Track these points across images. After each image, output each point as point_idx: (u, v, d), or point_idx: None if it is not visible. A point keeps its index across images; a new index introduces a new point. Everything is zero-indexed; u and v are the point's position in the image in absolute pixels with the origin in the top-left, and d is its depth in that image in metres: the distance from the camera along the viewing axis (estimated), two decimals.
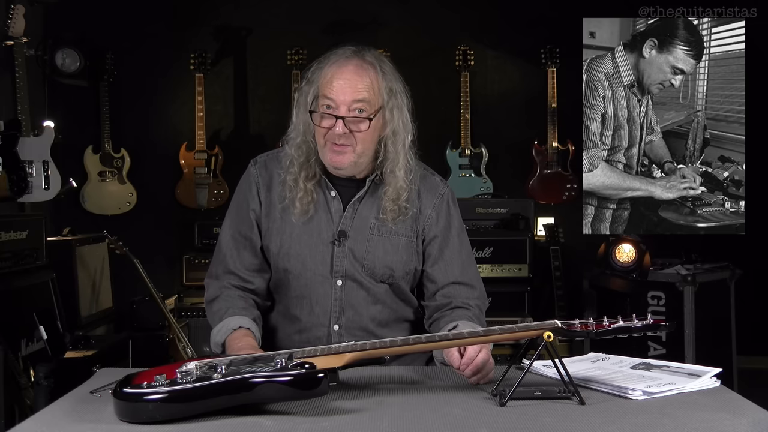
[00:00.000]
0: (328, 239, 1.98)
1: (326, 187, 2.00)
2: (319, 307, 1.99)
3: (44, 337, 3.05)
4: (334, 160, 1.92)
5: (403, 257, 2.00)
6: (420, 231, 2.03)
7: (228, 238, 2.06)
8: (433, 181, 2.09)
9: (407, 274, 2.03)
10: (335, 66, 1.92)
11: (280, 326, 2.07)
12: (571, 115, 5.01)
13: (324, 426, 1.40)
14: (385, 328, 2.03)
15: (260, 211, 2.03)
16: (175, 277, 4.77)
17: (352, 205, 2.00)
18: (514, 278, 4.42)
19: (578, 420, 1.42)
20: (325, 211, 2.00)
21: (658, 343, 3.99)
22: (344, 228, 1.98)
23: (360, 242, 1.98)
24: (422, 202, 2.04)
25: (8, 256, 3.40)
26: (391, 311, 2.04)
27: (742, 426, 1.38)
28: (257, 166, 2.07)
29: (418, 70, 5.12)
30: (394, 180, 1.96)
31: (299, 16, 5.10)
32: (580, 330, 1.55)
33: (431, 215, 2.04)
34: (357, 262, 1.98)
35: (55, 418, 1.46)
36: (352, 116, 1.89)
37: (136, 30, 5.02)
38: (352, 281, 1.98)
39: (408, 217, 2.00)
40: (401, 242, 2.00)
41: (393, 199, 1.97)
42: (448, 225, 2.06)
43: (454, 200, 2.11)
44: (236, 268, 2.04)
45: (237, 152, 4.86)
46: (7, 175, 3.65)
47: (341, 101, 1.89)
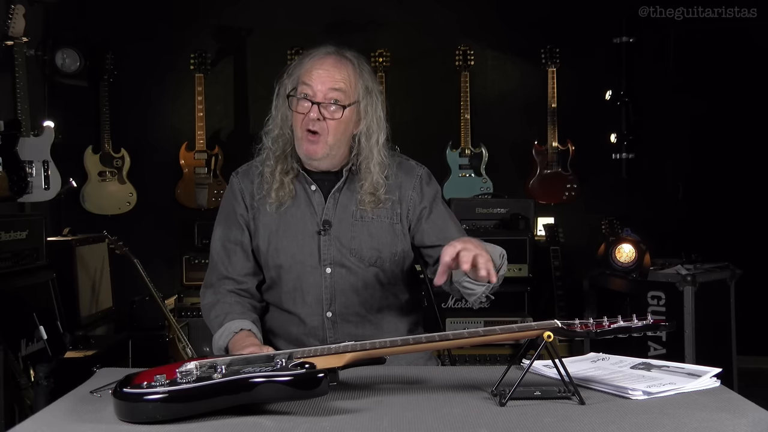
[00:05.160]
0: (313, 230, 2.05)
1: (306, 182, 2.08)
2: (311, 297, 2.05)
3: (44, 337, 3.05)
4: (308, 150, 2.00)
5: (388, 238, 2.07)
6: (405, 214, 2.09)
7: (218, 247, 2.13)
8: (409, 165, 2.16)
9: (394, 255, 2.08)
10: (315, 58, 2.02)
11: (276, 323, 2.12)
12: (571, 115, 5.03)
13: (324, 426, 1.39)
14: (378, 313, 2.08)
15: (247, 214, 2.11)
16: (175, 277, 4.77)
17: (333, 196, 2.07)
18: (514, 278, 4.42)
19: (578, 420, 1.42)
20: (307, 205, 2.07)
21: (658, 343, 3.99)
22: (327, 217, 2.05)
23: (345, 229, 2.05)
24: (402, 187, 2.10)
25: (8, 256, 3.40)
26: (382, 296, 2.08)
27: (742, 426, 1.38)
28: (238, 176, 2.16)
29: (418, 70, 5.13)
30: (369, 175, 2.04)
31: (299, 16, 5.10)
32: (580, 330, 1.55)
33: (413, 196, 2.11)
34: (344, 248, 2.04)
35: (55, 418, 1.46)
36: (327, 103, 1.97)
37: (136, 30, 5.02)
38: (341, 267, 2.04)
39: (387, 205, 2.06)
40: (384, 224, 2.07)
41: (370, 192, 2.04)
42: (431, 198, 2.13)
43: (432, 178, 2.18)
44: (229, 272, 2.10)
45: (237, 152, 4.86)
46: (7, 175, 3.66)
47: (318, 89, 1.98)
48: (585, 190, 5.06)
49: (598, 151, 5.04)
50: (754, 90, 5.03)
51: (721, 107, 5.04)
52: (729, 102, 5.03)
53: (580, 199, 5.08)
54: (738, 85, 5.01)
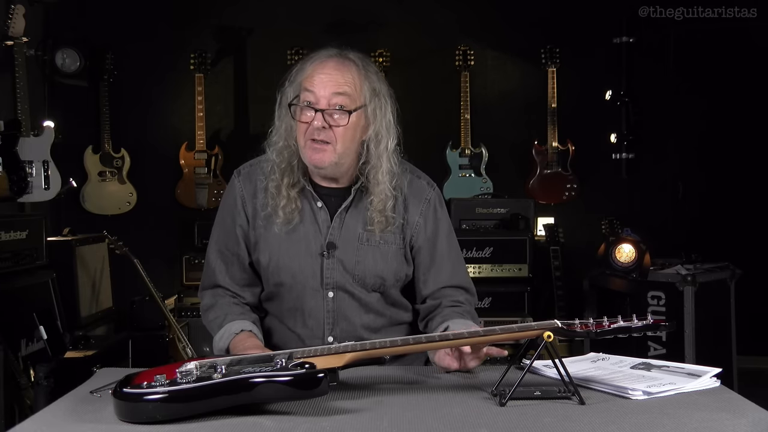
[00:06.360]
0: (317, 251, 1.96)
1: (312, 198, 1.98)
2: (312, 320, 1.99)
3: (44, 337, 3.05)
4: (313, 159, 1.88)
5: (393, 266, 1.99)
6: (408, 239, 2.01)
7: (215, 253, 2.06)
8: (419, 185, 2.04)
9: (398, 282, 2.02)
10: (317, 62, 1.91)
11: (276, 329, 2.06)
12: (571, 115, 5.03)
13: (324, 426, 1.39)
14: (379, 333, 2.02)
15: (247, 226, 2.01)
16: (175, 277, 4.77)
17: (339, 216, 1.97)
18: (514, 278, 4.42)
19: (578, 420, 1.41)
20: (312, 223, 1.97)
21: (658, 343, 3.99)
22: (332, 239, 1.96)
23: (349, 253, 1.96)
24: (409, 211, 2.01)
25: (8, 256, 3.41)
26: (384, 318, 2.03)
27: (742, 426, 1.38)
28: (241, 178, 2.04)
29: (418, 70, 5.13)
30: (378, 188, 1.93)
31: (299, 16, 5.10)
32: (580, 330, 1.55)
33: (419, 222, 2.01)
34: (347, 273, 1.96)
35: (55, 418, 1.46)
36: (331, 110, 1.86)
37: (136, 30, 5.02)
38: (344, 292, 1.97)
39: (395, 226, 1.97)
40: (390, 250, 1.99)
41: (379, 210, 1.94)
42: (435, 230, 2.04)
43: (441, 202, 2.08)
44: (226, 283, 2.04)
45: (237, 152, 4.85)
46: (7, 175, 3.65)
47: (321, 95, 1.86)
48: (585, 190, 5.06)
49: (598, 151, 5.05)
50: (754, 90, 5.03)
51: (721, 107, 5.04)
52: (729, 102, 5.03)
53: (580, 199, 5.08)
54: (738, 85, 5.01)
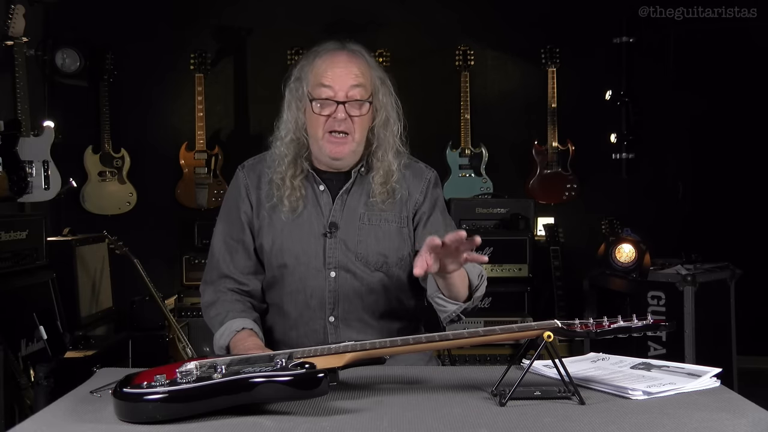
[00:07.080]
0: (319, 232, 2.02)
1: (314, 181, 2.04)
2: (314, 300, 2.02)
3: (44, 337, 3.05)
4: (334, 152, 1.97)
5: (395, 243, 2.04)
6: (410, 215, 2.07)
7: (220, 243, 2.10)
8: (418, 167, 2.13)
9: (401, 260, 2.05)
10: (327, 57, 1.98)
11: (277, 325, 2.09)
12: (571, 115, 5.03)
13: (324, 426, 1.39)
14: (381, 319, 2.05)
15: (251, 212, 2.07)
16: (175, 277, 4.77)
17: (341, 197, 2.03)
18: (514, 278, 4.42)
19: (578, 420, 1.41)
20: (314, 206, 2.03)
21: (658, 343, 3.99)
22: (334, 220, 2.02)
23: (351, 232, 2.02)
24: (409, 188, 2.07)
25: (8, 256, 3.41)
26: (386, 301, 2.05)
27: (742, 426, 1.38)
28: (245, 170, 2.12)
29: (418, 70, 5.12)
30: (382, 165, 2.01)
31: (299, 16, 5.10)
32: (580, 330, 1.55)
33: (419, 199, 2.08)
34: (350, 251, 2.01)
35: (55, 418, 1.46)
36: (351, 101, 1.94)
37: (136, 30, 5.01)
38: (346, 272, 2.01)
39: (396, 199, 2.04)
40: (392, 228, 2.04)
41: (382, 183, 2.01)
42: (433, 205, 2.10)
43: (438, 183, 2.16)
44: (230, 271, 2.07)
45: (237, 152, 4.85)
46: (7, 175, 3.66)
47: (339, 87, 1.94)
48: (585, 190, 5.06)
49: (598, 151, 5.05)
50: (754, 90, 5.03)
51: (721, 107, 5.04)
52: (729, 102, 5.03)
53: (580, 199, 5.07)
54: (738, 85, 5.01)
